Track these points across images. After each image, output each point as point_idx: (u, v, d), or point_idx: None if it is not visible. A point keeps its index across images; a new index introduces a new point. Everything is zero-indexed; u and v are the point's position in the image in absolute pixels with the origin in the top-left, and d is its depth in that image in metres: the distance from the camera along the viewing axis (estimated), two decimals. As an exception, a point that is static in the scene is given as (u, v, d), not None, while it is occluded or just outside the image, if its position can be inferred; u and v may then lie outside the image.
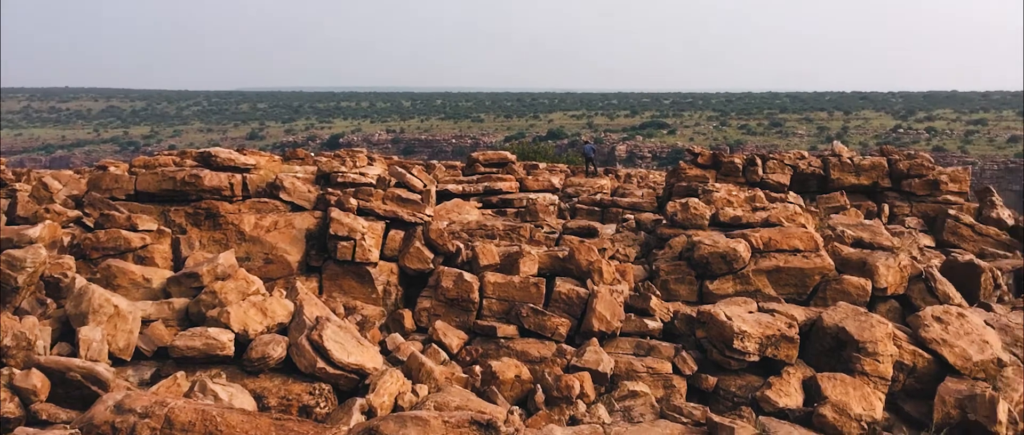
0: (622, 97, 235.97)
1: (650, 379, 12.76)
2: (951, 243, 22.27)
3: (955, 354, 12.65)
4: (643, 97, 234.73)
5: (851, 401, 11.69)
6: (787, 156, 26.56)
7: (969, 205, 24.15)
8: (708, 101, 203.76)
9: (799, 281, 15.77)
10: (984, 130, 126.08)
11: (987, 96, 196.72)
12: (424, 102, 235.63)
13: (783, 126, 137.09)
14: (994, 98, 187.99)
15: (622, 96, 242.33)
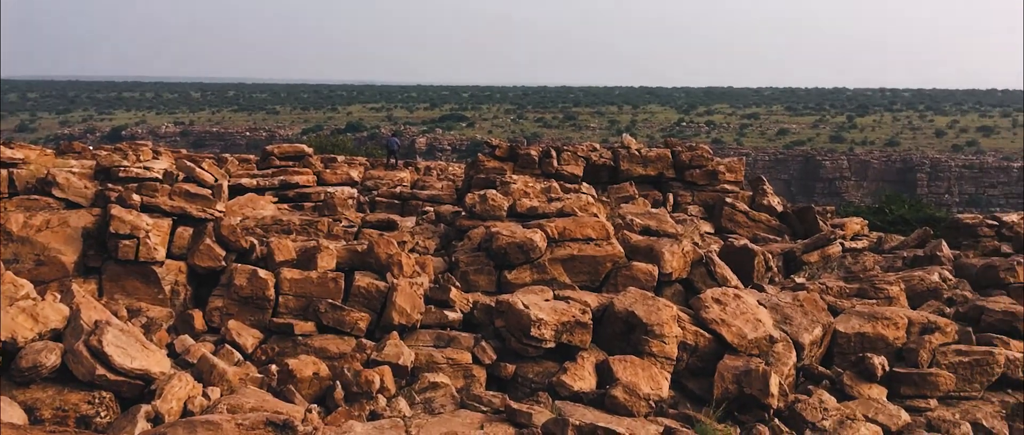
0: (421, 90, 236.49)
1: (451, 370, 12.84)
2: (728, 229, 23.85)
3: (733, 333, 13.54)
4: (442, 90, 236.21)
5: (640, 381, 12.28)
6: (580, 148, 27.51)
7: (744, 193, 25.94)
8: (505, 95, 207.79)
9: (592, 268, 16.35)
10: (756, 124, 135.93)
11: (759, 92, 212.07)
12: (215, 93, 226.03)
13: (577, 120, 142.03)
14: (765, 94, 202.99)
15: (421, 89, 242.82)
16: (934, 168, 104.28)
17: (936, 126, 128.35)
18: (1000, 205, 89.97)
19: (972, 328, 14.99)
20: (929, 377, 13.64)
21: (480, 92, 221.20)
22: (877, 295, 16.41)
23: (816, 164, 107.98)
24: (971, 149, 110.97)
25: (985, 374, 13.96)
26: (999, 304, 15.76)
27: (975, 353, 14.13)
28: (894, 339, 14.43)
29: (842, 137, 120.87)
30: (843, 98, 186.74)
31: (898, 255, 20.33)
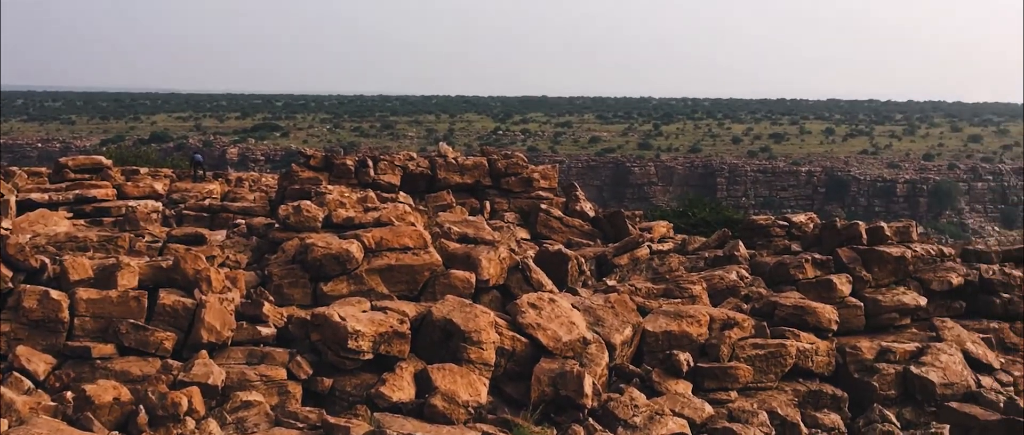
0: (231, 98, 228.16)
1: (264, 387, 12.44)
2: (544, 235, 24.39)
3: (548, 337, 13.86)
4: (254, 98, 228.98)
5: (459, 389, 12.34)
6: (397, 158, 27.38)
7: (558, 200, 26.62)
8: (321, 103, 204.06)
9: (410, 278, 16.29)
10: (570, 132, 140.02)
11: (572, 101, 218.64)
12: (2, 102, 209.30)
13: (394, 128, 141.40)
14: (577, 103, 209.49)
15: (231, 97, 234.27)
16: (732, 173, 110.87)
17: (733, 133, 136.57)
18: (791, 207, 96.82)
19: (767, 322, 16.04)
20: (730, 370, 14.49)
21: (294, 101, 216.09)
22: (682, 294, 17.26)
23: (626, 170, 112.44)
24: (764, 155, 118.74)
25: (779, 365, 14.98)
26: (790, 299, 16.95)
27: (770, 346, 15.13)
28: (698, 336, 15.21)
29: (649, 144, 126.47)
30: (649, 107, 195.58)
31: (700, 256, 21.44)
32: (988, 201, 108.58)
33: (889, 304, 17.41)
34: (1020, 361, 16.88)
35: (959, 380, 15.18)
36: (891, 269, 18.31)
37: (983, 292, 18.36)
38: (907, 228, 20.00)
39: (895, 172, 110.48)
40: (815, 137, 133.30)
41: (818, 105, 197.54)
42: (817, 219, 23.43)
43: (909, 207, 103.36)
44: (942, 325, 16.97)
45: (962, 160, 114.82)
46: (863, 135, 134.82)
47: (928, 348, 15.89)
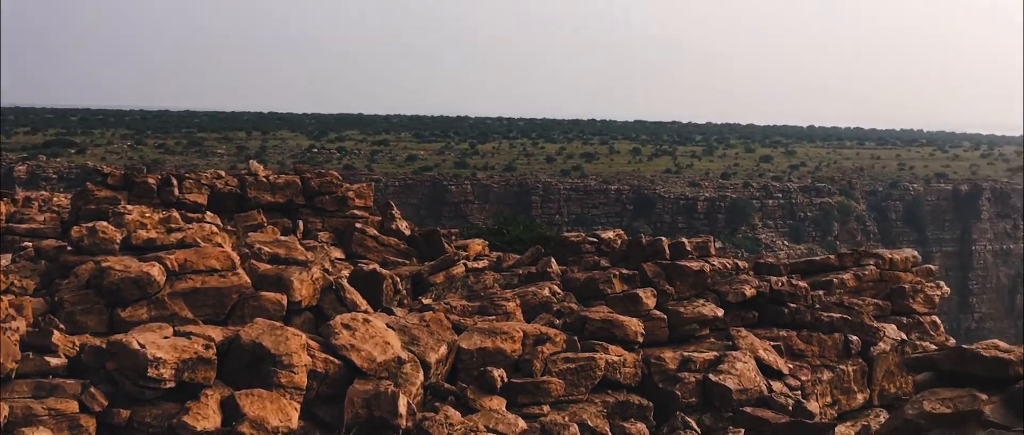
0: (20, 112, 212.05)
1: (53, 422, 11.58)
2: (359, 254, 24.09)
3: (362, 357, 13.67)
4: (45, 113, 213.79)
5: (268, 415, 11.95)
6: (204, 176, 26.29)
7: (373, 218, 26.37)
8: (121, 118, 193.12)
9: (217, 301, 15.65)
10: (387, 150, 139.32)
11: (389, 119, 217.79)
12: None
13: (202, 145, 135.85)
14: (394, 121, 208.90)
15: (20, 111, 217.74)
16: (546, 191, 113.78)
17: (547, 152, 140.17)
18: (602, 223, 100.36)
19: (577, 336, 16.51)
20: (542, 385, 14.79)
21: (91, 116, 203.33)
22: (496, 311, 17.48)
23: (443, 189, 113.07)
24: (577, 173, 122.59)
25: (589, 378, 15.44)
26: (599, 313, 17.51)
27: (581, 359, 15.57)
28: (512, 352, 15.44)
29: (466, 163, 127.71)
30: (466, 126, 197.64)
31: (515, 273, 21.80)
32: (779, 217, 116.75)
33: (690, 316, 18.31)
34: (806, 366, 18.17)
35: (753, 386, 16.17)
36: (691, 282, 19.28)
37: (773, 302, 19.64)
38: (706, 243, 21.13)
39: (696, 190, 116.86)
40: (623, 156, 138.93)
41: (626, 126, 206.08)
42: (624, 235, 24.38)
43: (709, 223, 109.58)
44: (737, 334, 18.02)
45: (755, 179, 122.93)
46: (667, 155, 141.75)
47: (725, 357, 16.84)
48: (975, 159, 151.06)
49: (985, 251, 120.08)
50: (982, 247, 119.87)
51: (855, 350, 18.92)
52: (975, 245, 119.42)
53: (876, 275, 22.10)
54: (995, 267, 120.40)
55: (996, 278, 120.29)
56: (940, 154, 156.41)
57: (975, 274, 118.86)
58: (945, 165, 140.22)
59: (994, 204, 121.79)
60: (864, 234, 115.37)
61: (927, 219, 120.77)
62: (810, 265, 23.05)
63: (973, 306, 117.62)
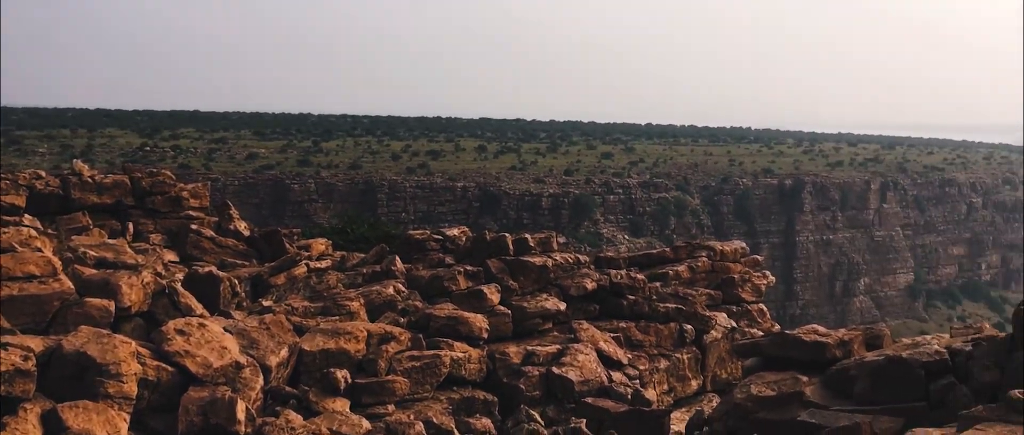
0: None
1: None
2: (195, 256, 23.18)
3: (197, 363, 13.16)
4: None
5: (95, 427, 11.32)
6: (22, 176, 24.64)
7: (210, 219, 25.42)
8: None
9: (37, 309, 14.68)
10: (225, 148, 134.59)
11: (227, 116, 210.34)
12: None
13: (22, 144, 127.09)
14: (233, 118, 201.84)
15: None
16: (392, 189, 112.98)
17: (392, 150, 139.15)
18: (448, 221, 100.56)
19: (423, 334, 16.48)
20: (387, 384, 14.68)
21: None
22: (339, 311, 17.21)
23: (285, 187, 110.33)
24: (423, 171, 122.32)
25: (434, 375, 15.44)
26: (444, 310, 17.54)
27: (425, 357, 15.55)
28: (355, 352, 15.24)
29: (309, 161, 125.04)
30: (309, 123, 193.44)
31: (359, 272, 21.53)
32: (619, 212, 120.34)
33: (533, 310, 18.60)
34: (644, 356, 18.82)
35: (594, 377, 16.60)
36: (535, 277, 19.60)
37: (613, 295, 20.23)
38: (548, 239, 21.53)
39: (540, 187, 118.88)
40: (469, 154, 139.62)
41: (471, 124, 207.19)
42: (470, 232, 24.50)
43: (553, 219, 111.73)
44: (579, 327, 18.45)
45: (597, 175, 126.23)
46: (512, 152, 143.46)
47: (567, 349, 17.21)
48: (798, 155, 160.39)
49: (807, 242, 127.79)
50: (805, 238, 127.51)
51: (689, 339, 19.76)
52: (798, 236, 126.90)
53: (708, 266, 23.15)
54: (817, 256, 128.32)
55: (818, 267, 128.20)
56: (766, 150, 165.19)
57: (799, 263, 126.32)
58: (771, 161, 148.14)
59: (815, 197, 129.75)
60: (699, 227, 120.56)
61: (755, 212, 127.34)
62: (647, 258, 23.90)
63: (797, 293, 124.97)
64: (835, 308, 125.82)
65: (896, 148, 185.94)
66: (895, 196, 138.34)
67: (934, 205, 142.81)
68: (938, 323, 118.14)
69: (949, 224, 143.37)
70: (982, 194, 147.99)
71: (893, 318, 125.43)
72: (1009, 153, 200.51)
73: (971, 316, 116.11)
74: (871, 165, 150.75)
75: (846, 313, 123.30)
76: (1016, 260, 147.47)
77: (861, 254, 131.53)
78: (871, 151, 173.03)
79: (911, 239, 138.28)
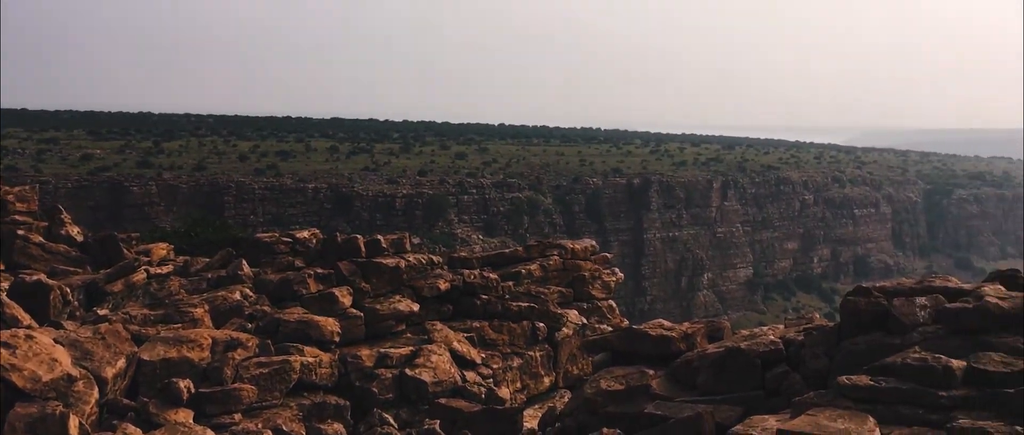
0: None
1: None
2: (22, 263, 21.70)
3: (24, 378, 12.32)
4: None
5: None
6: None
7: (39, 224, 23.89)
8: None
9: None
10: (57, 149, 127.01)
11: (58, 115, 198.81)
12: None
13: None
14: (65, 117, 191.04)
15: None
16: (240, 191, 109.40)
17: (239, 151, 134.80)
18: (300, 223, 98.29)
19: (272, 340, 16.02)
20: (233, 392, 14.18)
21: None
22: (182, 318, 16.53)
23: (124, 190, 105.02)
24: (272, 172, 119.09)
25: (283, 381, 15.03)
26: (294, 315, 17.13)
27: (274, 363, 15.12)
28: (200, 360, 14.67)
29: (150, 162, 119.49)
30: (149, 123, 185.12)
31: (203, 277, 20.75)
32: (473, 212, 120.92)
33: (386, 312, 18.42)
34: (498, 355, 18.95)
35: (448, 377, 16.59)
36: (388, 279, 19.41)
37: (467, 295, 20.28)
38: (401, 240, 21.37)
39: (394, 188, 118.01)
40: (320, 154, 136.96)
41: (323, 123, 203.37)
42: (320, 234, 24.02)
43: (407, 220, 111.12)
44: (433, 328, 18.40)
45: (451, 176, 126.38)
46: (365, 153, 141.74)
47: (421, 351, 17.13)
48: (645, 155, 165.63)
49: (655, 239, 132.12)
50: (652, 235, 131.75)
51: (542, 336, 20.04)
52: (646, 234, 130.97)
53: (560, 265, 23.53)
54: (663, 253, 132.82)
55: (664, 263, 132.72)
56: (615, 151, 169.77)
57: (647, 260, 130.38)
58: (620, 161, 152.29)
59: (661, 196, 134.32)
60: (551, 227, 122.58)
61: (605, 211, 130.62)
62: (500, 258, 24.07)
63: (646, 289, 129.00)
64: (681, 303, 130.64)
65: (736, 149, 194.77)
66: (735, 194, 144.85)
67: (770, 202, 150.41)
68: (775, 315, 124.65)
69: (784, 220, 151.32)
70: (813, 192, 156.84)
71: (734, 311, 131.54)
72: (837, 153, 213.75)
73: (804, 307, 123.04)
74: (713, 165, 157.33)
75: (691, 307, 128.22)
76: (845, 253, 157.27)
77: (705, 250, 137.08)
78: (713, 151, 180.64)
79: (750, 235, 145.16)
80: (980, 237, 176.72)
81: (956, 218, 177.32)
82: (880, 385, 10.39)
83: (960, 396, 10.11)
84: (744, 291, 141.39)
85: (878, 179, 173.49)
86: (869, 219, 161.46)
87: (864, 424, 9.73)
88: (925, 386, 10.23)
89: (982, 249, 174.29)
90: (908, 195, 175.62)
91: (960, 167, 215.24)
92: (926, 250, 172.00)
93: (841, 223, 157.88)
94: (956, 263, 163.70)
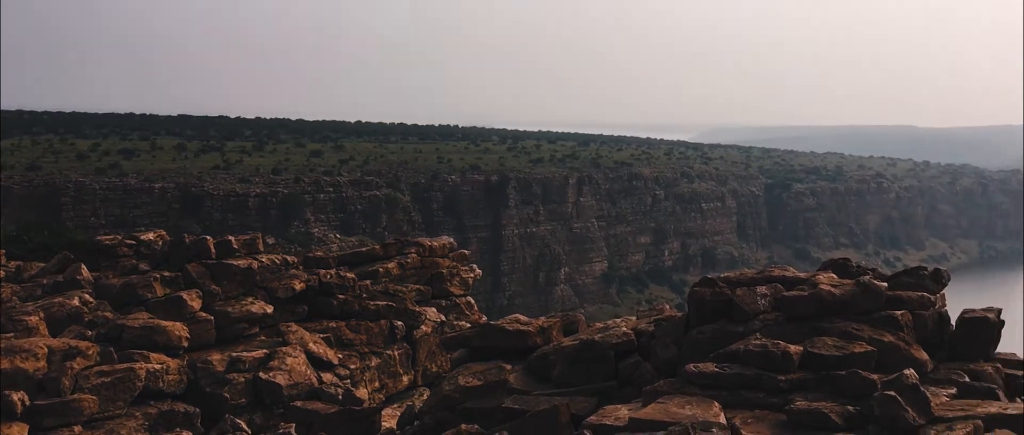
0: None
1: None
2: None
3: None
4: None
5: None
6: None
7: None
8: None
9: None
10: None
11: None
12: None
13: None
14: None
15: None
16: (79, 192, 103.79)
17: (78, 149, 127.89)
18: (145, 225, 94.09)
19: (114, 347, 15.27)
20: (72, 404, 13.46)
21: None
22: (15, 327, 15.53)
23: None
24: (115, 172, 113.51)
25: (128, 390, 14.36)
26: (139, 320, 16.38)
27: (117, 372, 14.43)
28: (35, 371, 13.85)
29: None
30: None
31: (38, 283, 19.56)
32: (330, 211, 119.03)
33: (238, 315, 17.88)
34: (356, 355, 18.72)
35: (303, 380, 16.26)
36: (239, 280, 18.84)
37: (323, 295, 19.92)
38: (254, 240, 20.77)
39: (247, 187, 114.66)
40: (167, 153, 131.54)
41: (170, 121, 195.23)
42: (167, 236, 23.05)
43: (261, 220, 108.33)
44: (288, 330, 17.99)
45: (306, 174, 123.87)
46: (215, 151, 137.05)
47: (275, 353, 16.72)
48: (503, 152, 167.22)
49: (513, 235, 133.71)
50: (510, 232, 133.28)
51: (400, 335, 19.92)
52: (504, 230, 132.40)
53: (418, 262, 23.45)
54: (522, 249, 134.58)
55: (523, 258, 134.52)
56: (473, 148, 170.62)
57: (505, 256, 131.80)
58: (478, 158, 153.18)
59: (518, 192, 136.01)
60: (410, 224, 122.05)
61: (464, 208, 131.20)
62: (357, 256, 23.76)
63: (505, 285, 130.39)
64: (539, 297, 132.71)
65: (590, 145, 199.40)
66: (590, 190, 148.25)
67: (624, 198, 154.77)
68: (629, 307, 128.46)
69: (637, 215, 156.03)
70: (664, 187, 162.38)
71: (590, 304, 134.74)
72: (686, 149, 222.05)
73: (656, 299, 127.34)
74: (569, 161, 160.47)
75: (549, 301, 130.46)
76: (694, 246, 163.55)
77: (561, 245, 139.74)
78: (569, 148, 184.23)
79: (605, 230, 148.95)
80: (816, 228, 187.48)
81: (794, 211, 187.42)
82: (725, 372, 10.86)
83: (797, 379, 10.70)
84: (600, 285, 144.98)
85: (723, 174, 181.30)
86: (716, 213, 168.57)
87: (710, 409, 10.14)
88: (766, 371, 10.77)
89: (818, 239, 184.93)
90: (751, 189, 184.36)
91: (798, 162, 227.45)
92: (768, 241, 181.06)
93: (690, 217, 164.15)
94: (795, 253, 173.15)
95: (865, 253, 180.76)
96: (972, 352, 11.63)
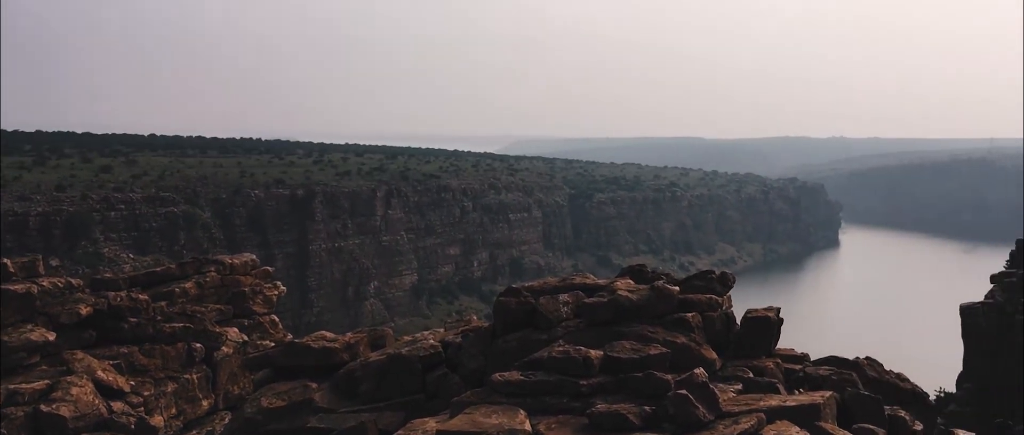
0: None
1: None
2: None
3: None
4: None
5: None
6: None
7: None
8: None
9: None
10: None
11: None
12: None
13: None
14: None
15: None
16: None
17: None
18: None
19: None
20: None
21: None
22: None
23: None
24: None
25: None
26: None
27: None
28: None
29: None
30: None
31: None
32: (122, 230, 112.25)
33: (17, 344, 16.53)
34: (150, 381, 17.71)
35: (91, 410, 15.22)
36: (17, 306, 17.42)
37: (113, 319, 18.75)
38: (33, 263, 19.27)
39: (26, 205, 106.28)
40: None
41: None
42: (-70, 261, 20.98)
43: (43, 240, 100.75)
44: (73, 357, 16.80)
45: (95, 190, 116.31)
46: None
47: (58, 383, 15.56)
48: (309, 166, 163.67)
49: (320, 250, 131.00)
50: (318, 246, 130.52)
51: (199, 357, 19.04)
52: (311, 245, 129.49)
53: (218, 281, 22.53)
54: (330, 264, 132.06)
55: (331, 273, 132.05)
56: (278, 162, 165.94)
57: (313, 271, 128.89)
58: (283, 172, 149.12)
59: (326, 206, 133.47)
60: (211, 242, 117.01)
61: (269, 223, 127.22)
62: (151, 276, 22.54)
63: (313, 301, 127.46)
64: (349, 312, 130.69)
65: (398, 158, 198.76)
66: (399, 203, 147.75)
67: (432, 210, 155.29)
68: (439, 318, 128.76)
69: (446, 226, 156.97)
70: (472, 198, 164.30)
71: (401, 317, 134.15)
72: (493, 161, 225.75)
73: (466, 309, 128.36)
74: (377, 174, 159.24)
75: (359, 316, 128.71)
76: (502, 256, 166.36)
77: (370, 259, 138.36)
78: (376, 161, 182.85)
79: (414, 242, 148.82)
80: (617, 236, 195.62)
81: (597, 219, 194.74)
82: (529, 379, 11.09)
83: (598, 383, 11.08)
84: (410, 297, 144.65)
85: (529, 185, 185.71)
86: (523, 223, 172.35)
87: (516, 417, 10.32)
88: (568, 376, 11.08)
89: (619, 246, 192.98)
90: (556, 199, 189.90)
91: (599, 173, 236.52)
92: (572, 250, 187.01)
93: (498, 227, 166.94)
94: (598, 260, 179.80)
95: (662, 258, 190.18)
96: (755, 349, 12.46)
